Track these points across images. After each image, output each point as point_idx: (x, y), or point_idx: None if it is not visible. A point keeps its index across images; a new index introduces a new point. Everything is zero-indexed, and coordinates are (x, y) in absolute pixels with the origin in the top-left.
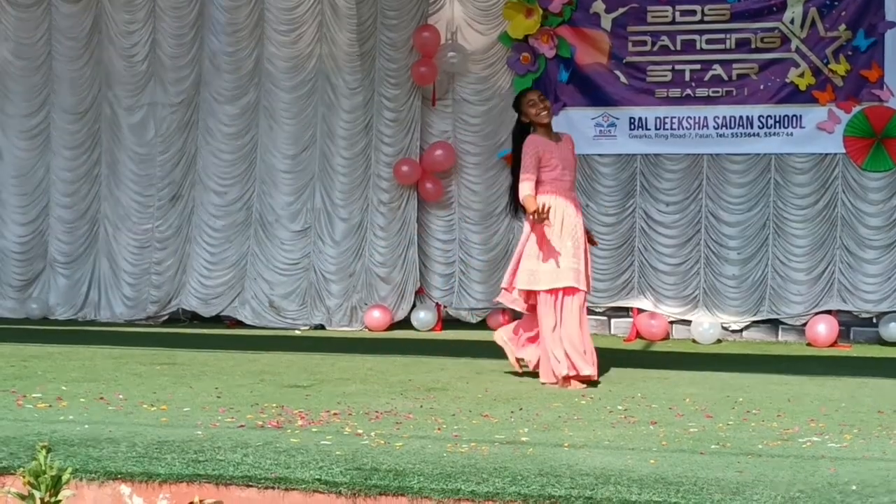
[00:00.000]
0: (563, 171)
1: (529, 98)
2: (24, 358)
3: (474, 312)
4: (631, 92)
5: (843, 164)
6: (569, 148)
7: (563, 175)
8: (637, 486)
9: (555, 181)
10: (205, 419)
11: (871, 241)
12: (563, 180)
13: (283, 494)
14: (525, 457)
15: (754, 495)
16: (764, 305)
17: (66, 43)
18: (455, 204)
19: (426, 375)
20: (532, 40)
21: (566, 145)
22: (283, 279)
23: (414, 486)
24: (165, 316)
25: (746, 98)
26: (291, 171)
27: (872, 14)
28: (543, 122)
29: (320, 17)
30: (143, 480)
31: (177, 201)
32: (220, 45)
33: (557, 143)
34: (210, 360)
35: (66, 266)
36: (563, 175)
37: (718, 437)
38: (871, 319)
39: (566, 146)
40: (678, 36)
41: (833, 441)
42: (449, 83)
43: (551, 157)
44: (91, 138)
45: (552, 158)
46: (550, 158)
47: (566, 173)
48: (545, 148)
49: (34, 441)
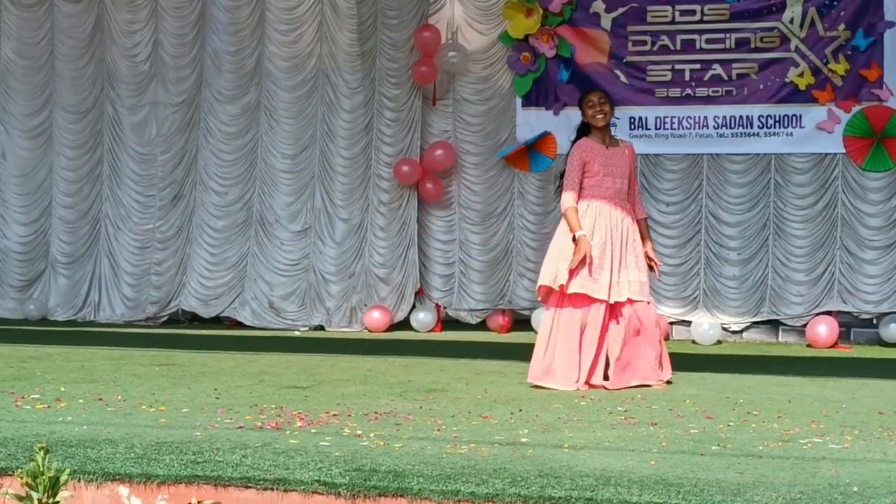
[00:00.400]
0: (605, 178)
1: (589, 98)
2: (22, 359)
3: (474, 313)
4: (631, 92)
5: (842, 164)
6: (622, 155)
7: (602, 182)
8: (637, 487)
9: (593, 188)
10: (203, 420)
11: (871, 242)
12: (602, 187)
13: (281, 496)
14: (525, 458)
15: (755, 497)
16: (764, 306)
17: (68, 42)
18: (455, 204)
19: (426, 376)
20: (532, 40)
21: (619, 152)
22: (282, 280)
23: (413, 488)
24: (165, 317)
25: (746, 98)
26: (291, 171)
27: (872, 14)
28: (597, 125)
29: (321, 17)
30: (141, 481)
31: (178, 201)
32: (221, 44)
33: (608, 148)
34: (209, 361)
35: (67, 266)
36: (604, 182)
37: (719, 438)
38: (871, 320)
39: (619, 153)
40: (678, 36)
41: (834, 442)
42: (449, 83)
43: (594, 163)
44: (93, 138)
45: (594, 164)
46: (593, 164)
47: (608, 180)
48: (590, 153)
49: (32, 442)
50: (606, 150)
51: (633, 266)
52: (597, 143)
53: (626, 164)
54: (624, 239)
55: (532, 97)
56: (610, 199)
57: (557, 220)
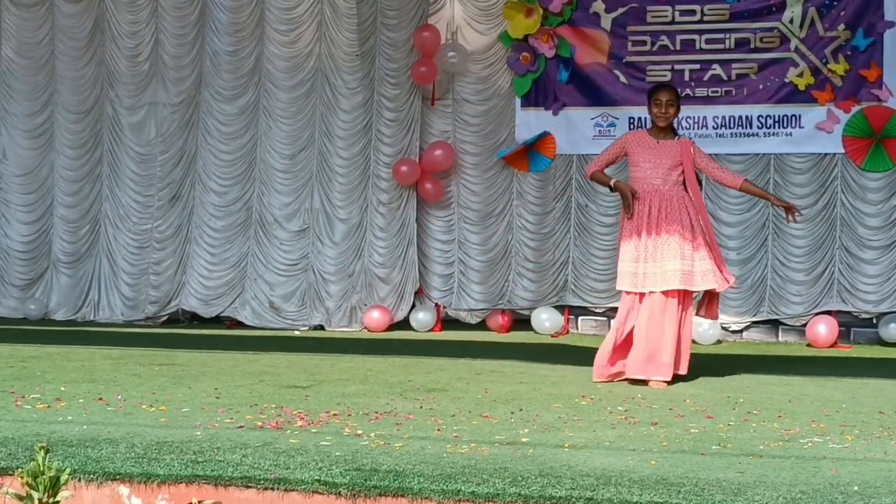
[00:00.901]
0: (650, 170)
1: (658, 97)
2: (22, 358)
3: (473, 313)
4: (630, 92)
5: (842, 164)
6: (673, 150)
7: (649, 175)
8: (638, 487)
9: (637, 180)
10: (204, 420)
11: (870, 242)
12: (645, 180)
13: (282, 495)
14: (525, 458)
15: (755, 496)
16: (764, 306)
17: (69, 42)
18: (454, 204)
19: (426, 376)
20: (532, 40)
21: (671, 148)
22: (282, 280)
23: (414, 487)
24: (165, 316)
25: (745, 98)
26: (289, 171)
27: (871, 14)
28: (659, 125)
29: (320, 17)
30: (141, 481)
31: (176, 201)
32: (221, 44)
33: (658, 142)
34: (209, 361)
35: (69, 266)
36: (650, 175)
37: (719, 437)
38: (871, 320)
39: (668, 147)
40: (677, 36)
41: (834, 442)
42: (449, 83)
43: (639, 156)
44: (94, 138)
45: (639, 157)
46: (638, 157)
47: (659, 171)
48: (637, 146)
49: (33, 442)
50: (657, 143)
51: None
52: (649, 137)
53: (674, 157)
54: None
55: (531, 97)
56: (652, 193)
57: (556, 219)
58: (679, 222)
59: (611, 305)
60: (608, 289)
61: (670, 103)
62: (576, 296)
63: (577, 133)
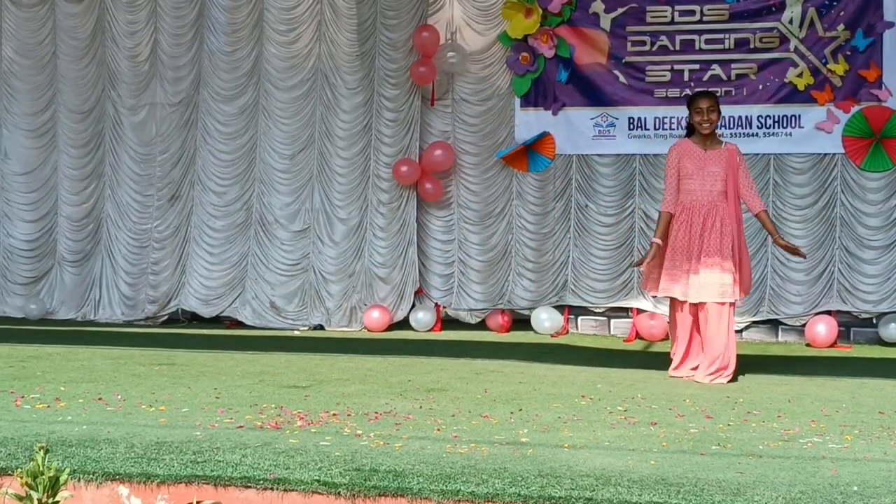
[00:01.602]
0: (698, 180)
1: (698, 105)
2: (22, 358)
3: (473, 313)
4: (630, 92)
5: (841, 164)
6: (721, 158)
7: (698, 188)
8: (637, 487)
9: (687, 192)
10: (203, 420)
11: (870, 242)
12: (693, 190)
13: (281, 495)
14: (525, 458)
15: (755, 496)
16: (763, 306)
17: (70, 42)
18: (454, 204)
19: (425, 376)
20: (531, 40)
21: (718, 154)
22: (282, 280)
23: (413, 487)
24: (165, 316)
25: (745, 98)
26: (289, 171)
27: (871, 14)
28: (702, 132)
29: (319, 17)
30: (141, 481)
31: (175, 201)
32: (219, 44)
33: (706, 150)
34: (209, 361)
35: (74, 265)
36: (698, 187)
37: (719, 437)
38: (870, 320)
39: (717, 155)
40: (677, 36)
41: (834, 442)
42: (448, 83)
43: (687, 165)
44: (96, 137)
45: (688, 166)
46: (687, 166)
47: (707, 182)
48: (685, 156)
49: (32, 442)
50: (704, 152)
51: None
52: (695, 146)
53: (723, 166)
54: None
55: (531, 97)
56: (703, 201)
57: (556, 219)
58: (720, 234)
59: (610, 305)
60: (608, 289)
61: (711, 109)
62: (575, 296)
63: (577, 133)
